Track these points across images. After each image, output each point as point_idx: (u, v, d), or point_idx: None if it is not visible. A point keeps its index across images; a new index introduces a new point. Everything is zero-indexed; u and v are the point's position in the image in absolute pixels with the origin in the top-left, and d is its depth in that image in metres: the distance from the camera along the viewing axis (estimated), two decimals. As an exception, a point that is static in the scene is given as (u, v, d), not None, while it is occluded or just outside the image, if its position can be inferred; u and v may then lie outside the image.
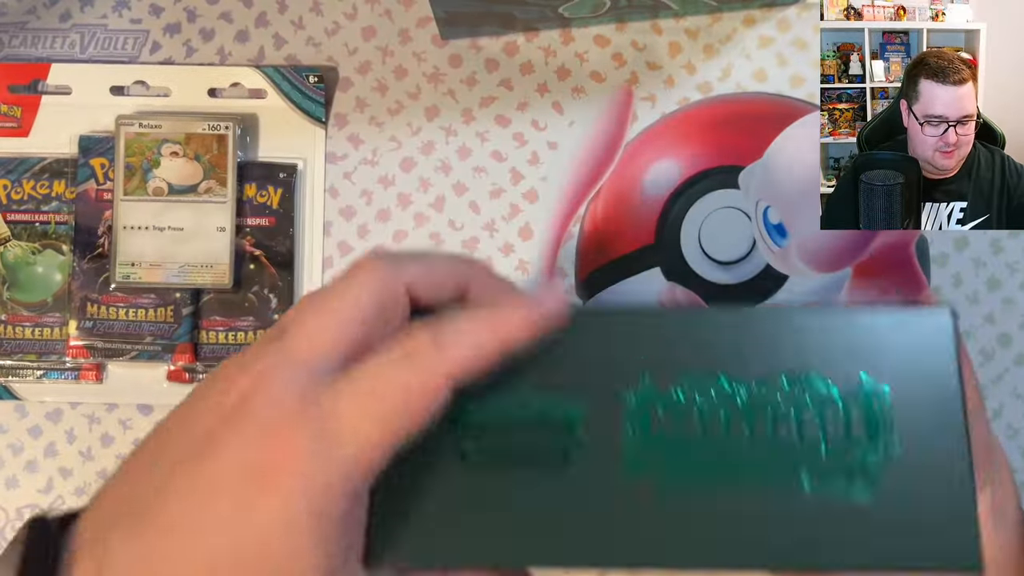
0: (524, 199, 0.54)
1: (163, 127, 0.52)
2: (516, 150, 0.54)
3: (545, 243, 0.54)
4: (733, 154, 0.53)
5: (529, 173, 0.54)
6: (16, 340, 0.52)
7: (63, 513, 0.27)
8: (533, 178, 0.54)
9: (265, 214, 0.53)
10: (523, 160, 0.54)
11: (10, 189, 0.53)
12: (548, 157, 0.54)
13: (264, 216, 0.53)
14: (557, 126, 0.54)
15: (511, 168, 0.54)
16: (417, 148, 0.54)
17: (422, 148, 0.54)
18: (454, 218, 0.54)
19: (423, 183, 0.54)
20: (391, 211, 0.54)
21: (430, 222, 0.54)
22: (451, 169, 0.54)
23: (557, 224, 0.54)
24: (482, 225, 0.54)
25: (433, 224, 0.54)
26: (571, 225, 0.54)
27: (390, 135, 0.54)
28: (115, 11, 0.55)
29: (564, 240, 0.54)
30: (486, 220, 0.54)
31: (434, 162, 0.54)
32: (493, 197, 0.54)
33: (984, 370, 0.53)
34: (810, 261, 0.53)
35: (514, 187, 0.54)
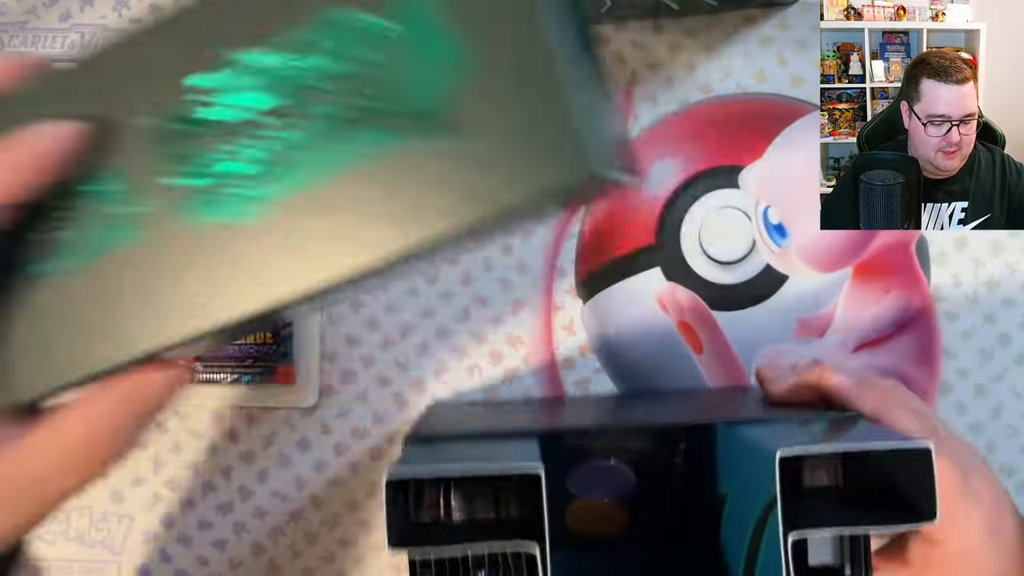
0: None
1: (163, 127, 0.52)
2: (516, 150, 0.54)
3: (545, 243, 0.54)
4: (733, 154, 0.53)
5: (529, 173, 0.54)
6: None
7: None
8: (533, 178, 0.54)
9: (265, 214, 0.53)
10: (523, 160, 0.54)
11: (10, 189, 0.53)
12: (548, 157, 0.54)
13: (264, 216, 0.53)
14: (557, 126, 0.54)
15: (511, 168, 0.54)
16: (417, 148, 0.54)
17: (422, 148, 0.54)
18: (454, 218, 0.54)
19: (423, 183, 0.54)
20: (391, 211, 0.54)
21: (430, 222, 0.54)
22: (451, 169, 0.54)
23: (557, 224, 0.54)
24: (482, 225, 0.54)
25: (433, 224, 0.54)
26: (571, 225, 0.54)
27: (390, 135, 0.54)
28: (115, 11, 0.55)
29: (564, 240, 0.54)
30: (486, 220, 0.54)
31: (434, 162, 0.54)
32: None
33: (984, 370, 0.53)
34: (810, 261, 0.53)
35: (514, 187, 0.54)
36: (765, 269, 0.53)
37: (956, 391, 0.53)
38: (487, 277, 0.54)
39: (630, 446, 0.49)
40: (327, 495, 0.54)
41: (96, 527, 0.53)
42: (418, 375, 0.54)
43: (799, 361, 0.53)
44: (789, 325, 0.53)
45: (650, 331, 0.53)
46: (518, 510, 0.40)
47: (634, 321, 0.53)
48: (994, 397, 0.53)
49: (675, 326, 0.53)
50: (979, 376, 0.53)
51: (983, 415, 0.53)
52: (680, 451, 0.49)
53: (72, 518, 0.53)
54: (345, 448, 0.54)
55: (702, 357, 0.53)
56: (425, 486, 0.40)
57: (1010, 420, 0.53)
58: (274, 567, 0.54)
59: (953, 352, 0.53)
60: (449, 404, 0.53)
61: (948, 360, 0.53)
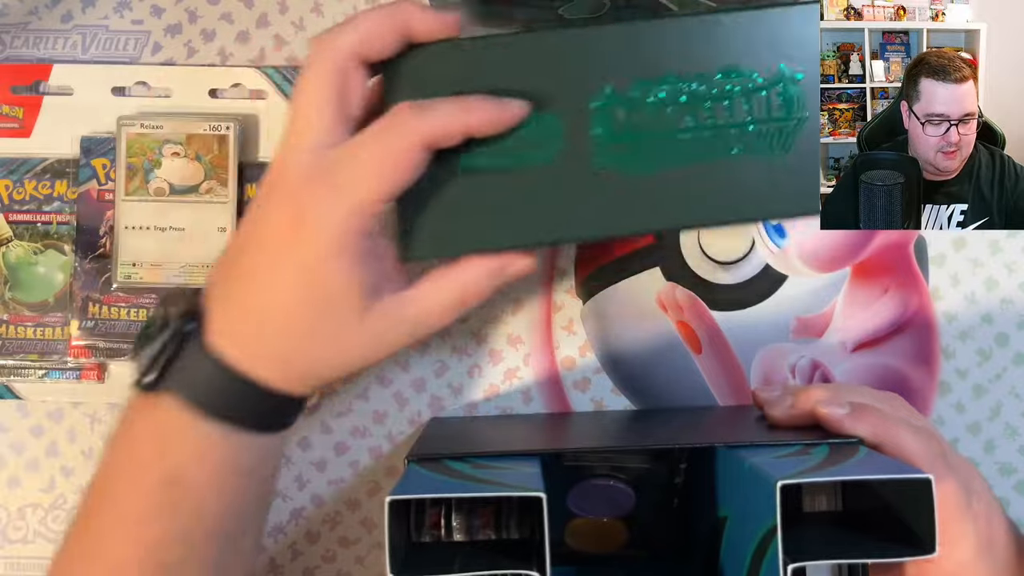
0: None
1: (164, 127, 0.52)
2: (516, 150, 0.54)
3: (545, 243, 0.54)
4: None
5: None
6: (18, 340, 0.53)
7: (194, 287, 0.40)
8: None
9: (266, 214, 0.53)
10: (523, 160, 0.54)
11: (12, 189, 0.53)
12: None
13: (265, 216, 0.53)
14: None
15: (511, 168, 0.54)
16: (417, 148, 0.54)
17: (422, 148, 0.54)
18: (454, 218, 0.54)
19: (423, 183, 0.54)
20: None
21: (430, 222, 0.54)
22: (451, 169, 0.54)
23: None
24: (482, 225, 0.54)
25: (433, 224, 0.54)
26: (571, 225, 0.54)
27: (390, 135, 0.54)
28: (116, 12, 0.55)
29: (564, 240, 0.54)
30: (486, 220, 0.54)
31: (434, 162, 0.54)
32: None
33: (982, 369, 0.53)
34: (809, 261, 0.53)
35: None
36: (764, 269, 0.53)
37: (955, 391, 0.53)
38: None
39: (630, 465, 0.49)
40: (328, 494, 0.54)
41: (98, 526, 0.54)
42: (418, 375, 0.54)
43: (792, 384, 0.53)
44: (788, 325, 0.53)
45: (650, 331, 0.53)
46: (519, 531, 0.40)
47: (634, 321, 0.53)
48: (993, 397, 0.53)
49: (675, 326, 0.53)
50: (977, 376, 0.53)
51: (982, 415, 0.53)
52: (680, 471, 0.49)
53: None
54: (345, 448, 0.54)
55: (701, 357, 0.53)
56: (427, 506, 0.40)
57: (1008, 420, 0.53)
58: (275, 566, 0.54)
59: (951, 352, 0.53)
60: (450, 420, 0.53)
61: (947, 360, 0.53)
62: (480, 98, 0.37)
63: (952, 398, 0.53)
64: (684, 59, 0.38)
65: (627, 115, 0.38)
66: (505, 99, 0.38)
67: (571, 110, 0.38)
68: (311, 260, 0.36)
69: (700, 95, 0.38)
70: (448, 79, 0.38)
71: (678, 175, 0.38)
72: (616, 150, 0.38)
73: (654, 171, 0.38)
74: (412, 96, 0.38)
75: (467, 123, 0.37)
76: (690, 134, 0.38)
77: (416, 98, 0.37)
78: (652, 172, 0.38)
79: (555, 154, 0.38)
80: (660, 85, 0.38)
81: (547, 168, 0.38)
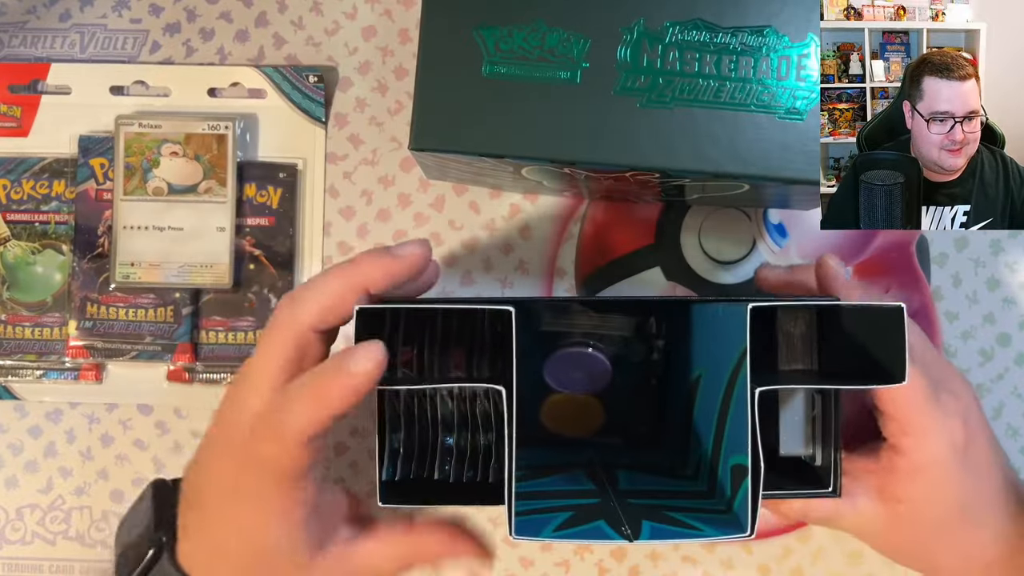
0: (524, 199, 0.54)
1: (163, 127, 0.52)
2: (516, 150, 0.54)
3: (545, 243, 0.54)
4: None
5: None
6: (16, 340, 0.52)
7: (171, 479, 0.42)
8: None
9: (265, 214, 0.53)
10: (523, 160, 0.54)
11: (10, 189, 0.53)
12: (548, 157, 0.54)
13: (264, 216, 0.53)
14: (557, 126, 0.54)
15: (511, 168, 0.54)
16: (417, 148, 0.54)
17: (422, 148, 0.54)
18: (454, 218, 0.54)
19: (423, 183, 0.54)
20: (391, 211, 0.54)
21: (430, 222, 0.54)
22: (451, 169, 0.54)
23: (557, 224, 0.54)
24: (482, 225, 0.54)
25: (433, 224, 0.54)
26: (571, 225, 0.54)
27: (390, 135, 0.54)
28: (115, 11, 0.55)
29: (564, 240, 0.54)
30: (486, 220, 0.54)
31: (434, 162, 0.54)
32: (493, 197, 0.54)
33: (984, 370, 0.53)
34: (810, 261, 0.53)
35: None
36: (765, 269, 0.53)
37: (956, 391, 0.53)
38: (487, 277, 0.54)
39: (608, 333, 0.48)
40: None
41: (96, 527, 0.53)
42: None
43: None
44: (789, 325, 0.53)
45: (650, 331, 0.53)
46: (489, 371, 0.41)
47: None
48: (995, 397, 0.53)
49: (675, 326, 0.53)
50: (979, 376, 0.53)
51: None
52: (659, 348, 0.48)
53: (72, 518, 0.53)
54: (345, 448, 0.54)
55: (702, 357, 0.53)
56: (399, 344, 0.40)
57: (1010, 420, 0.53)
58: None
59: (953, 352, 0.53)
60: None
61: (948, 360, 0.53)
62: (367, 253, 0.38)
63: (953, 398, 0.53)
64: (718, 9, 0.40)
65: (653, 50, 0.40)
66: (397, 246, 0.38)
67: (601, 35, 0.40)
68: (251, 521, 0.38)
69: (727, 48, 0.40)
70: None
71: (692, 117, 0.40)
72: (637, 80, 0.40)
73: (671, 106, 0.40)
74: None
75: (352, 289, 0.37)
76: (712, 81, 0.40)
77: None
78: (668, 106, 0.40)
79: (579, 73, 0.40)
80: (690, 29, 0.40)
81: (569, 87, 0.40)
